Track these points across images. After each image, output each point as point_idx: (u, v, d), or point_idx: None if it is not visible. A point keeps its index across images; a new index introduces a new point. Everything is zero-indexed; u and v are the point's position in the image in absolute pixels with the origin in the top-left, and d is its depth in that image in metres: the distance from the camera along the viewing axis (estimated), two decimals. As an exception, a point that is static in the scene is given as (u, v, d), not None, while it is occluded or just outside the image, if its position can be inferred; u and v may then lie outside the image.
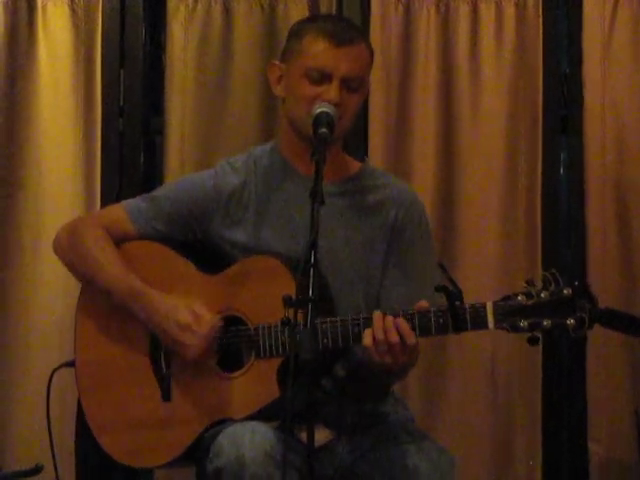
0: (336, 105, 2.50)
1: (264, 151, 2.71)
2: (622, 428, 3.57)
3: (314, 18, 2.93)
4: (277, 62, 2.64)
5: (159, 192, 2.75)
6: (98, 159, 3.68)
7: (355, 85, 2.56)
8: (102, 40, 3.70)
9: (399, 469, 2.45)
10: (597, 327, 2.91)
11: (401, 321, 2.32)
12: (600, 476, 3.57)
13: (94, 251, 2.62)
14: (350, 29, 2.62)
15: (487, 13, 3.67)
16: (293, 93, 2.58)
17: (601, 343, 3.54)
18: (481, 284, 3.54)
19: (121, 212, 2.69)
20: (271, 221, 2.62)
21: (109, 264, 2.59)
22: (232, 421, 2.43)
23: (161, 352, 2.57)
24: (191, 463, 2.57)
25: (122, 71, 3.74)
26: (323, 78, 2.53)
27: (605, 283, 3.57)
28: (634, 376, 3.58)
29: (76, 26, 3.70)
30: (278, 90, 2.64)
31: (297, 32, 2.62)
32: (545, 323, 2.23)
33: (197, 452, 2.50)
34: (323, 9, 3.71)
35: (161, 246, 2.64)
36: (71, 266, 2.69)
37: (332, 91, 2.52)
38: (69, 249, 2.68)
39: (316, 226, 2.18)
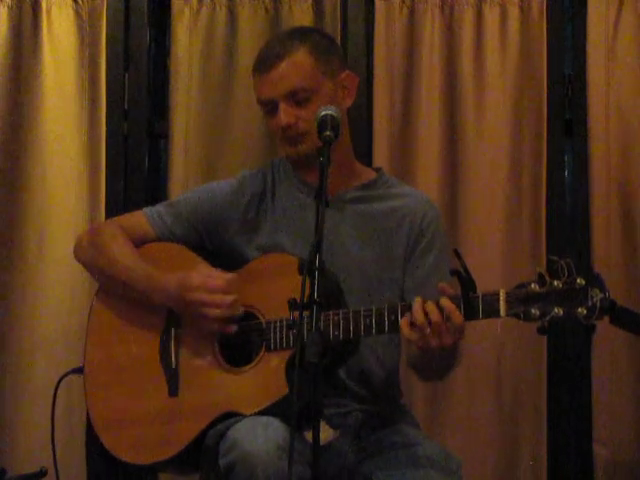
0: (289, 126, 2.55)
1: (281, 161, 2.75)
2: (627, 430, 3.56)
3: None
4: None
5: (179, 198, 2.81)
6: (103, 162, 3.68)
7: (304, 95, 2.57)
8: (107, 43, 3.70)
9: (407, 471, 2.45)
10: (602, 328, 2.90)
11: (444, 300, 2.29)
12: (605, 478, 3.56)
13: (111, 244, 2.68)
14: (276, 47, 2.60)
15: (491, 16, 3.67)
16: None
17: (606, 345, 3.54)
18: (486, 287, 3.53)
19: (140, 217, 2.75)
20: (287, 228, 2.66)
21: (125, 255, 2.65)
22: (240, 416, 2.43)
23: (171, 348, 2.59)
24: (193, 469, 2.57)
25: (126, 74, 3.75)
26: (272, 107, 2.58)
27: (609, 285, 3.55)
28: (639, 378, 3.58)
29: (81, 29, 3.71)
30: None
31: None
32: (556, 310, 2.22)
33: (200, 451, 2.49)
34: (327, 12, 3.71)
35: (178, 247, 2.69)
36: (90, 264, 2.75)
37: (279, 118, 2.57)
38: (88, 247, 2.74)
39: (320, 228, 2.18)
